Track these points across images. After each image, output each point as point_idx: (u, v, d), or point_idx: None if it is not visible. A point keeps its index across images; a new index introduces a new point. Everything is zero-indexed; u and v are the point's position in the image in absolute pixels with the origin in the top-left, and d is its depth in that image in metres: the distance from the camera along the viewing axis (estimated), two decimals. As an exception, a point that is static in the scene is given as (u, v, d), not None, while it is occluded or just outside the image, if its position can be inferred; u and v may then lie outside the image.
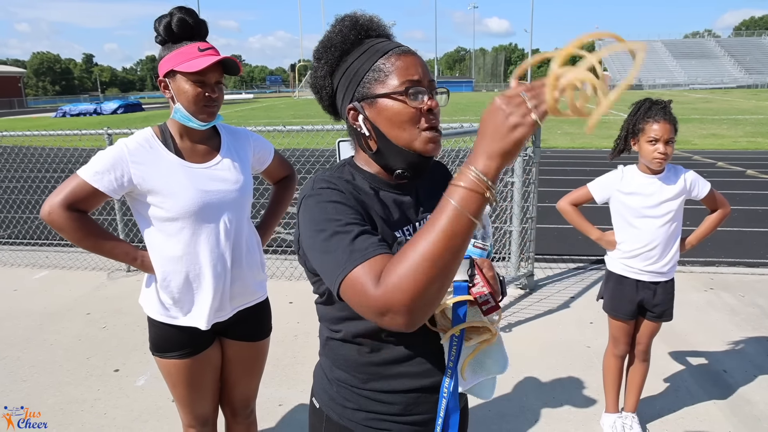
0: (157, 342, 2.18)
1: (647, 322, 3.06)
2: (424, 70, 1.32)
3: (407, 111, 1.28)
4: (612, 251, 3.05)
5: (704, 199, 2.92)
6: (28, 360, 4.19)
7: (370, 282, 1.06)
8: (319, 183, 1.29)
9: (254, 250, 2.28)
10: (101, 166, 1.94)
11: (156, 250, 2.09)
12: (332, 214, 1.20)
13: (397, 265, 1.03)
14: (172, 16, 1.98)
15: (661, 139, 2.71)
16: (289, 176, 2.60)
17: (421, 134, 1.30)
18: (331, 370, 1.47)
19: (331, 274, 1.15)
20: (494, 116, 0.99)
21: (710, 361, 4.00)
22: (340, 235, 1.16)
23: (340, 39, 1.33)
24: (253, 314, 2.32)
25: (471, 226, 1.01)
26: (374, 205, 1.33)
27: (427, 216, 1.44)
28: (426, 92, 1.30)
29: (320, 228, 1.20)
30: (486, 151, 1.00)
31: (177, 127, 2.10)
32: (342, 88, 1.35)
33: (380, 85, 1.29)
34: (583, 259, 6.30)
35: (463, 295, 1.26)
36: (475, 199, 1.00)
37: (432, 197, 1.49)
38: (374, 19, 1.38)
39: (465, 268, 1.26)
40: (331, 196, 1.24)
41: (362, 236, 1.16)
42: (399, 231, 1.35)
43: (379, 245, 1.14)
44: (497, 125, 0.99)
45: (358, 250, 1.13)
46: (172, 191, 2.00)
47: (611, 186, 2.96)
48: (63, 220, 1.93)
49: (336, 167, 1.42)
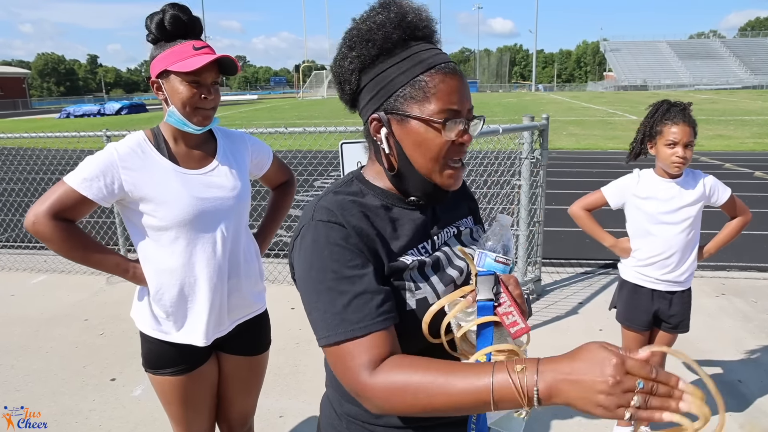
0: (150, 358, 2.07)
1: (662, 334, 2.94)
2: (466, 98, 1.18)
3: (439, 141, 1.16)
4: (626, 259, 2.93)
5: (724, 205, 2.80)
6: (22, 368, 4.08)
7: (363, 366, 1.04)
8: (319, 213, 1.16)
9: (252, 259, 2.16)
10: (90, 173, 1.83)
11: (149, 261, 1.97)
12: (328, 261, 1.10)
13: (403, 378, 1.00)
14: (164, 13, 1.86)
15: (680, 142, 2.59)
16: (288, 181, 2.48)
17: (445, 168, 1.19)
18: (340, 404, 1.32)
19: (318, 330, 1.11)
20: (598, 372, 0.86)
21: (724, 371, 3.87)
22: (332, 294, 1.09)
23: (381, 36, 1.16)
24: (251, 327, 2.20)
25: (486, 409, 0.95)
26: (384, 225, 1.21)
27: (446, 231, 1.33)
28: (464, 124, 1.17)
29: (312, 275, 1.12)
30: (559, 382, 0.89)
31: (171, 130, 1.98)
32: (370, 91, 1.20)
33: (416, 104, 1.15)
34: (591, 263, 6.17)
35: (489, 315, 1.13)
36: (511, 400, 0.92)
37: (449, 209, 1.38)
38: (423, 16, 1.20)
39: (490, 286, 1.14)
40: (329, 236, 1.12)
41: (358, 299, 1.08)
42: (413, 249, 1.23)
43: (377, 314, 1.08)
44: (590, 384, 0.87)
45: (350, 321, 1.07)
46: (165, 199, 1.89)
47: (627, 190, 2.83)
48: (49, 230, 1.81)
49: (343, 181, 1.29)
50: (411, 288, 1.18)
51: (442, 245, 1.30)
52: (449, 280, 1.25)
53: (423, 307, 1.18)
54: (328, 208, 1.16)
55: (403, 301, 1.17)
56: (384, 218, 1.22)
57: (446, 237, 1.33)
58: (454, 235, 1.35)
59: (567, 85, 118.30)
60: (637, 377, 0.86)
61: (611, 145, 16.98)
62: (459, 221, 1.40)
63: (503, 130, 4.47)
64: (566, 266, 6.15)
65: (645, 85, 75.86)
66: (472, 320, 1.15)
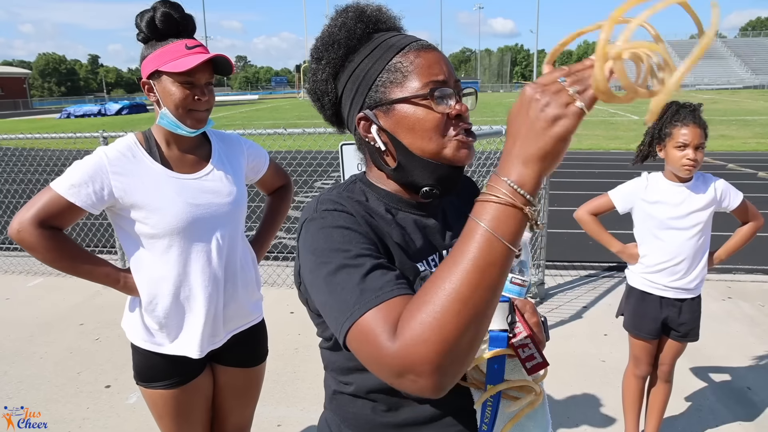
0: (141, 371, 1.98)
1: (671, 342, 2.85)
2: (449, 68, 1.10)
3: (432, 117, 1.06)
4: (634, 265, 2.84)
5: (735, 210, 2.71)
6: (15, 375, 4.00)
7: (385, 332, 0.84)
8: (323, 204, 1.07)
9: (249, 267, 2.08)
10: (78, 178, 1.74)
11: (141, 271, 1.89)
12: (339, 243, 0.98)
13: (419, 310, 0.80)
14: (155, 10, 1.78)
15: (691, 144, 2.50)
16: (286, 186, 2.39)
17: (451, 141, 1.08)
18: (339, 429, 1.21)
19: (337, 318, 0.93)
20: (526, 110, 0.79)
21: (733, 378, 3.79)
22: (348, 270, 0.94)
23: (344, 34, 1.11)
24: (248, 338, 2.12)
25: (508, 254, 0.80)
26: (392, 231, 1.11)
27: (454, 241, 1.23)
28: (454, 94, 1.08)
29: (324, 260, 0.98)
30: (520, 155, 0.79)
31: (163, 133, 1.90)
32: (349, 94, 1.13)
33: (398, 87, 1.08)
34: (595, 266, 6.08)
35: (502, 347, 1.02)
36: (510, 217, 0.79)
37: (461, 218, 1.27)
38: (383, 10, 1.16)
39: (503, 314, 1.03)
40: (337, 220, 1.02)
41: (376, 272, 0.94)
42: (423, 262, 1.13)
43: (397, 284, 0.92)
44: (531, 121, 0.78)
45: (371, 289, 0.91)
46: (157, 205, 1.80)
47: (635, 194, 2.75)
48: (34, 238, 1.72)
49: (345, 184, 1.19)
50: None
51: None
52: None
53: None
54: (332, 200, 1.07)
55: None
56: (389, 223, 1.12)
57: None
58: None
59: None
60: (553, 78, 0.79)
61: (613, 145, 16.90)
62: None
63: (506, 131, 4.38)
64: (569, 269, 6.06)
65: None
66: (483, 351, 1.04)
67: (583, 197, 2.99)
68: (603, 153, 15.47)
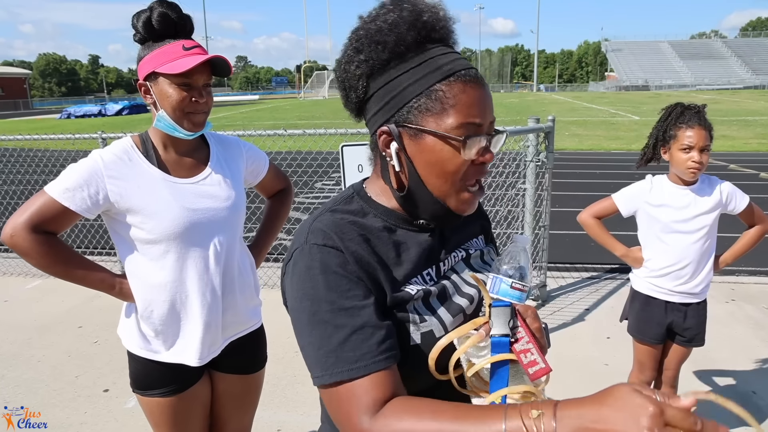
0: (138, 378, 1.95)
1: (676, 347, 2.81)
2: (489, 110, 1.04)
3: (457, 162, 1.02)
4: (638, 269, 2.80)
5: (742, 213, 2.67)
6: (12, 378, 3.96)
7: (362, 410, 0.92)
8: (314, 236, 1.03)
9: (248, 273, 2.04)
10: (72, 182, 1.70)
11: (137, 277, 1.84)
12: (323, 291, 0.98)
13: (408, 426, 0.88)
14: (152, 10, 1.74)
15: (696, 146, 2.47)
16: (286, 189, 2.35)
17: (462, 192, 1.06)
18: None
19: (312, 369, 0.98)
20: (626, 423, 0.74)
21: (737, 381, 3.75)
22: (328, 328, 0.97)
23: (394, 38, 1.01)
24: (246, 344, 2.08)
25: None
26: (387, 251, 1.08)
27: (454, 255, 1.19)
28: (486, 141, 1.04)
29: (307, 306, 0.99)
30: (584, 431, 0.77)
31: (160, 136, 1.86)
32: (379, 100, 1.06)
33: (432, 118, 1.01)
34: (597, 267, 6.05)
35: (505, 353, 1.00)
36: None
37: (459, 229, 1.25)
38: (440, 14, 1.06)
39: (506, 319, 1.01)
40: (325, 262, 1.00)
41: (357, 335, 0.96)
42: (418, 277, 1.11)
43: (378, 352, 0.96)
44: (624, 427, 0.74)
45: (347, 359, 0.95)
46: (154, 210, 1.76)
47: (639, 197, 2.70)
48: (27, 243, 1.68)
49: (342, 198, 1.15)
50: (415, 320, 1.06)
51: (448, 271, 1.18)
52: (458, 310, 1.12)
53: (429, 342, 1.06)
54: (323, 231, 1.03)
55: (406, 335, 1.05)
56: (387, 242, 1.09)
57: (453, 262, 1.20)
58: (462, 259, 1.22)
59: (568, 86, 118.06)
60: (678, 430, 0.73)
61: (614, 145, 16.86)
62: (469, 242, 1.27)
63: (509, 132, 4.34)
64: (571, 270, 6.03)
65: (647, 85, 75.66)
66: (485, 357, 1.02)
67: (584, 198, 2.96)
68: (604, 153, 15.43)
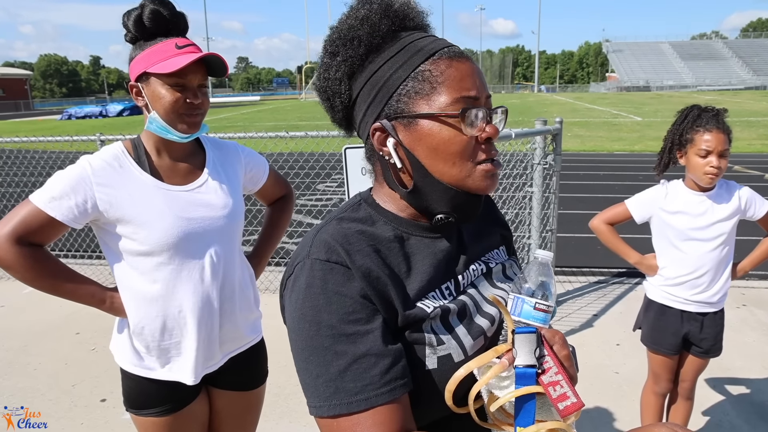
0: (131, 397, 1.84)
1: (692, 358, 2.70)
2: (482, 82, 0.97)
3: (460, 140, 0.94)
4: (653, 277, 2.70)
5: (761, 219, 2.56)
6: (7, 388, 3.85)
7: None
8: (317, 249, 0.94)
9: (247, 286, 1.93)
10: (59, 191, 1.60)
11: (128, 290, 1.74)
12: (324, 314, 0.89)
13: None
14: (143, 8, 1.64)
15: (714, 151, 2.36)
16: (286, 196, 2.24)
17: (476, 168, 0.96)
18: None
19: (308, 396, 0.90)
20: None
21: (752, 390, 3.65)
22: (327, 355, 0.88)
23: (366, 30, 0.96)
24: (246, 359, 1.97)
25: None
26: (399, 262, 0.99)
27: (473, 268, 1.09)
28: (486, 114, 0.96)
29: (305, 330, 0.91)
30: None
31: (153, 140, 1.75)
32: (365, 98, 1.00)
33: (423, 100, 0.95)
34: (604, 271, 5.94)
35: (530, 385, 0.89)
36: None
37: (478, 238, 1.16)
38: (412, 4, 1.01)
39: (531, 347, 0.90)
40: (327, 281, 0.91)
41: (358, 363, 0.87)
42: (435, 291, 1.01)
43: (381, 385, 0.87)
44: None
45: (347, 390, 0.86)
46: (146, 219, 1.66)
47: (653, 204, 2.60)
48: (11, 256, 1.58)
49: (349, 205, 1.06)
50: (432, 342, 0.95)
51: (468, 286, 1.08)
52: (479, 332, 1.01)
53: (446, 367, 0.95)
54: (328, 243, 0.94)
55: (421, 360, 0.95)
56: (398, 253, 0.99)
57: (473, 276, 1.10)
58: (483, 273, 1.12)
59: (569, 86, 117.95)
60: None
61: (617, 146, 16.76)
62: (489, 254, 1.17)
63: (516, 134, 4.25)
64: (578, 275, 5.91)
65: (648, 86, 75.51)
66: (508, 389, 0.91)
67: (588, 200, 2.87)
68: (607, 154, 15.34)
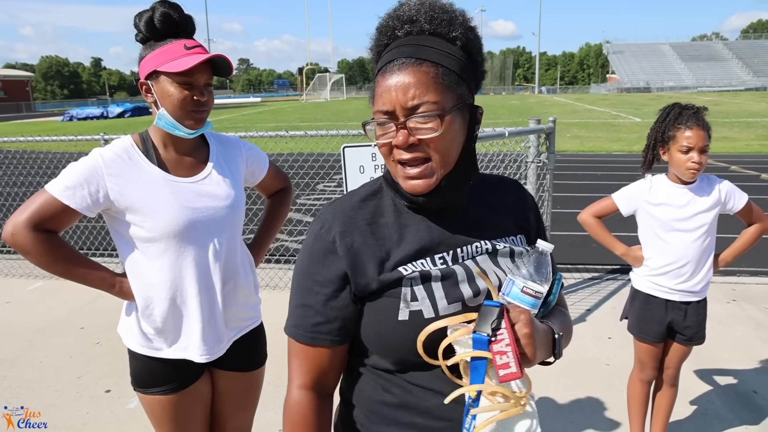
0: (139, 376, 1.96)
1: (677, 346, 2.81)
2: (398, 94, 1.05)
3: (382, 147, 1.11)
4: (638, 268, 2.81)
5: (740, 212, 2.67)
6: (14, 379, 3.97)
7: (293, 371, 1.20)
8: (323, 216, 1.20)
9: (247, 271, 2.05)
10: (73, 180, 1.72)
11: (137, 275, 1.86)
12: (302, 266, 1.20)
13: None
14: (154, 10, 1.75)
15: (695, 147, 2.47)
16: (285, 189, 2.36)
17: (398, 173, 1.11)
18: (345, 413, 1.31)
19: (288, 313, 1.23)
20: None
21: (738, 381, 3.75)
22: (296, 292, 1.21)
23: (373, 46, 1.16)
24: (247, 341, 2.09)
25: None
26: (390, 233, 1.16)
27: (476, 244, 1.21)
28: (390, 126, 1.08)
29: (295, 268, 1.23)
30: None
31: (161, 135, 1.87)
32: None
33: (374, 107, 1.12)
34: (598, 268, 6.05)
35: (482, 350, 1.01)
36: None
37: (489, 221, 1.26)
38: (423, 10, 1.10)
39: (490, 319, 1.00)
40: (313, 246, 1.19)
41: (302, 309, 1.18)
42: (426, 259, 1.16)
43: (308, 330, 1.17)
44: None
45: (293, 322, 1.20)
46: (154, 209, 1.77)
47: (638, 197, 2.71)
48: (28, 241, 1.70)
49: (371, 182, 1.26)
50: (407, 297, 1.11)
51: (467, 258, 1.19)
52: (457, 298, 1.14)
53: (416, 321, 1.10)
54: (326, 218, 1.19)
55: (394, 311, 1.11)
56: (393, 224, 1.17)
57: (476, 252, 1.21)
58: (488, 252, 1.22)
59: (570, 88, 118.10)
60: None
61: (616, 147, 16.87)
62: (500, 238, 1.25)
63: (509, 133, 4.35)
64: (572, 271, 6.03)
65: (648, 87, 75.64)
66: (466, 352, 1.04)
67: (585, 199, 2.97)
68: (605, 155, 15.45)
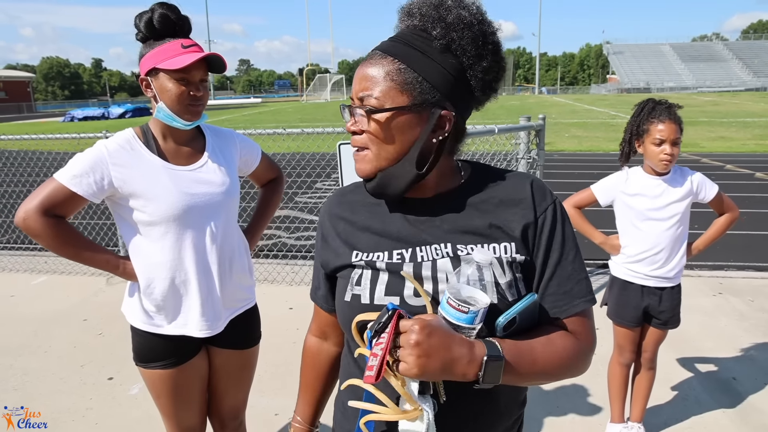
0: (140, 351, 2.10)
1: (653, 330, 2.95)
2: (356, 86, 1.16)
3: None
4: (616, 255, 2.95)
5: (711, 201, 2.82)
6: (20, 367, 4.12)
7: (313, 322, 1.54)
8: (332, 197, 1.40)
9: (241, 254, 2.19)
10: (80, 169, 1.87)
11: (139, 256, 2.00)
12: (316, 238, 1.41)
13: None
14: (153, 11, 1.90)
15: (668, 139, 2.61)
16: (277, 178, 2.51)
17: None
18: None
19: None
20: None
21: (719, 368, 3.88)
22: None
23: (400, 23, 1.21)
24: (241, 321, 2.23)
25: None
26: (360, 222, 1.27)
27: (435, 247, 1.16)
28: (349, 112, 1.20)
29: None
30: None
31: (160, 127, 2.02)
32: None
33: None
34: (590, 263, 6.16)
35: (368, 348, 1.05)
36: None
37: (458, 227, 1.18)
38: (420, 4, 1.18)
39: (380, 320, 1.01)
40: (322, 215, 1.38)
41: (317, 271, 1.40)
42: (384, 252, 1.19)
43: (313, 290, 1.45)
44: None
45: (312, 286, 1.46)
46: (154, 194, 1.92)
47: (615, 188, 2.86)
48: (39, 226, 1.84)
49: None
50: (353, 281, 1.20)
51: (427, 259, 1.16)
52: (396, 293, 1.14)
53: (355, 303, 1.18)
54: (331, 198, 1.40)
55: (343, 291, 1.23)
56: (363, 216, 1.27)
57: (435, 254, 1.16)
58: (450, 257, 1.15)
59: (570, 88, 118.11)
60: None
61: (613, 146, 16.95)
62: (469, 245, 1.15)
63: (499, 130, 4.48)
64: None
65: (648, 87, 75.73)
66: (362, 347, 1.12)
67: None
68: (602, 154, 15.58)
